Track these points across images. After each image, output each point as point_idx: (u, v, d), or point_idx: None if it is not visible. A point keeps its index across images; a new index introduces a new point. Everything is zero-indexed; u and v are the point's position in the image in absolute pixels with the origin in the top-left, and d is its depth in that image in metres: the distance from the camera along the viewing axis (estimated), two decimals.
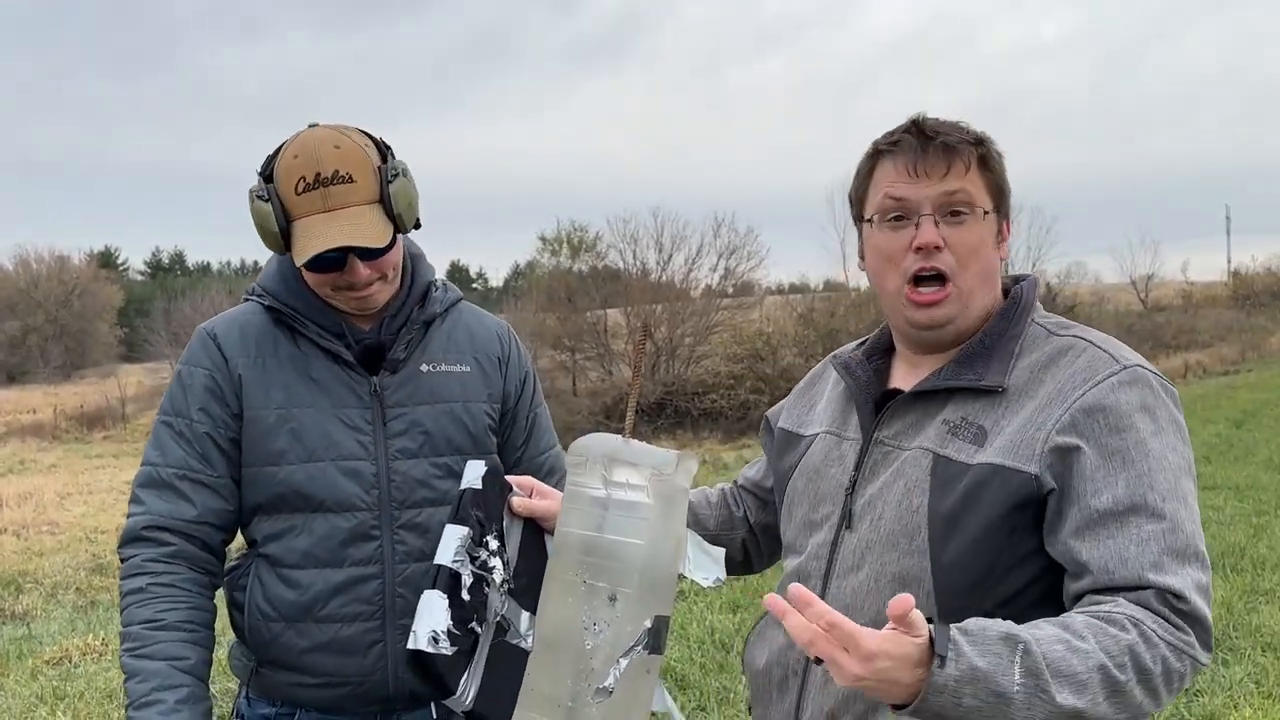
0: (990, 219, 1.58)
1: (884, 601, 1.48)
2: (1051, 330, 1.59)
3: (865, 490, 1.60)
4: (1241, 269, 54.53)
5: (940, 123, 1.59)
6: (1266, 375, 25.09)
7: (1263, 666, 4.99)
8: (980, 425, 1.52)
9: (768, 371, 28.13)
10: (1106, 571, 1.40)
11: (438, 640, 1.62)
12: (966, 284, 1.57)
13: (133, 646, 1.84)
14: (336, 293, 1.94)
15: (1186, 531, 1.41)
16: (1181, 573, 1.39)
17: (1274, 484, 9.89)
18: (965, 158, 1.56)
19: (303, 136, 1.90)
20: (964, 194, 1.56)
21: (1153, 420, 1.46)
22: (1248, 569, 6.78)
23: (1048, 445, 1.45)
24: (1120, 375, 1.48)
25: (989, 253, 1.58)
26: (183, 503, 1.93)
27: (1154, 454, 1.44)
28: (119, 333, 58.79)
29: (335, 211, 1.85)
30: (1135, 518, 1.41)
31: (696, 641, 5.51)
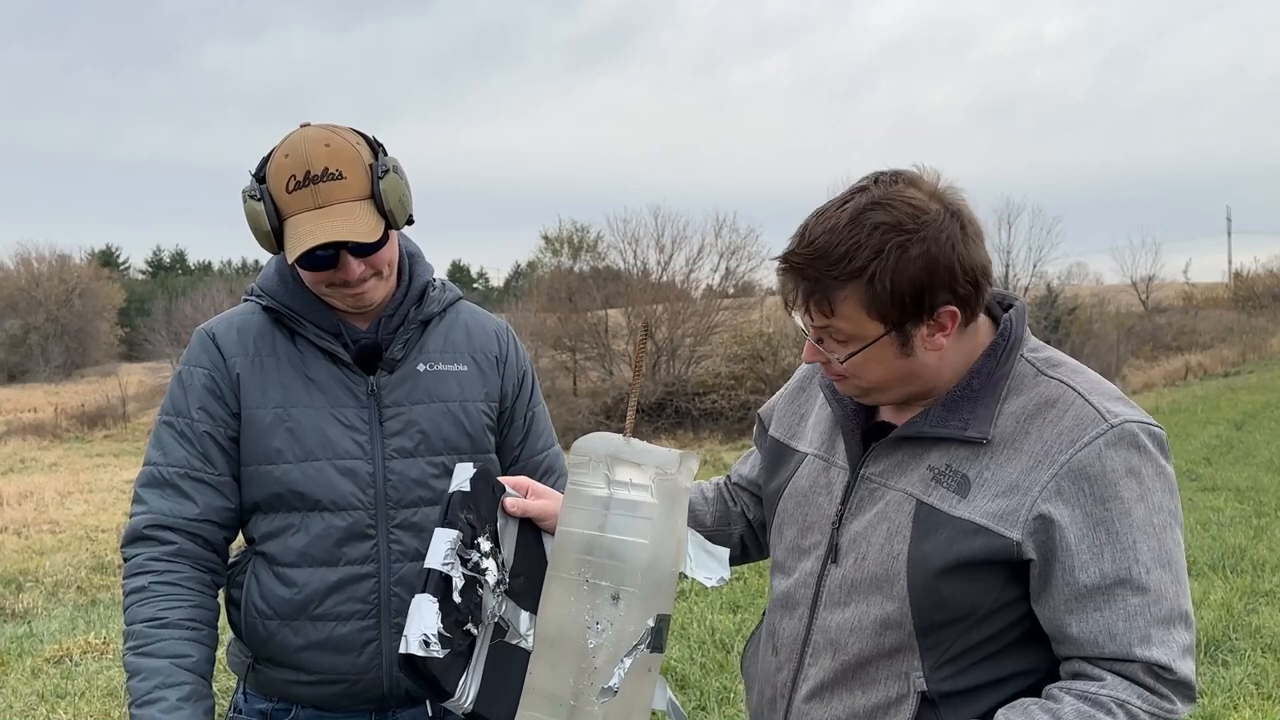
0: (880, 341, 1.50)
1: (867, 641, 1.55)
2: (1040, 369, 1.56)
3: (851, 526, 1.61)
4: (1243, 270, 54.55)
5: (811, 255, 1.47)
6: (1267, 377, 25.07)
7: (1262, 668, 5.00)
8: (964, 474, 1.52)
9: (768, 372, 28.15)
10: (1096, 645, 1.45)
11: (429, 643, 1.61)
12: (863, 384, 1.57)
13: (135, 644, 1.85)
14: (331, 290, 1.94)
15: (1170, 597, 1.45)
16: (1168, 641, 1.44)
17: (1274, 485, 9.89)
18: (826, 301, 1.48)
19: (293, 136, 1.90)
20: (833, 330, 1.51)
21: (1138, 483, 1.46)
22: (1248, 570, 6.78)
23: (1032, 513, 1.46)
24: (1107, 436, 1.46)
25: (886, 364, 1.52)
26: (185, 501, 1.93)
27: (1138, 523, 1.45)
28: (120, 332, 58.81)
29: (326, 208, 1.84)
30: (1121, 591, 1.44)
31: (697, 641, 5.51)
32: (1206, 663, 5.12)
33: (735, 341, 30.70)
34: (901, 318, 1.48)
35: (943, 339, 1.51)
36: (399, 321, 2.02)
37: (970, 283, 1.49)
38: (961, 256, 1.47)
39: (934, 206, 1.47)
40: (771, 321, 32.27)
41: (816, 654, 1.62)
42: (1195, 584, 6.49)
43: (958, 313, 1.50)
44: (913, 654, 1.53)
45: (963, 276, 1.48)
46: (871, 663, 1.55)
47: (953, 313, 1.49)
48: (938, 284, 1.46)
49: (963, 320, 1.51)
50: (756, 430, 1.96)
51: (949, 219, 1.47)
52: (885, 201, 1.46)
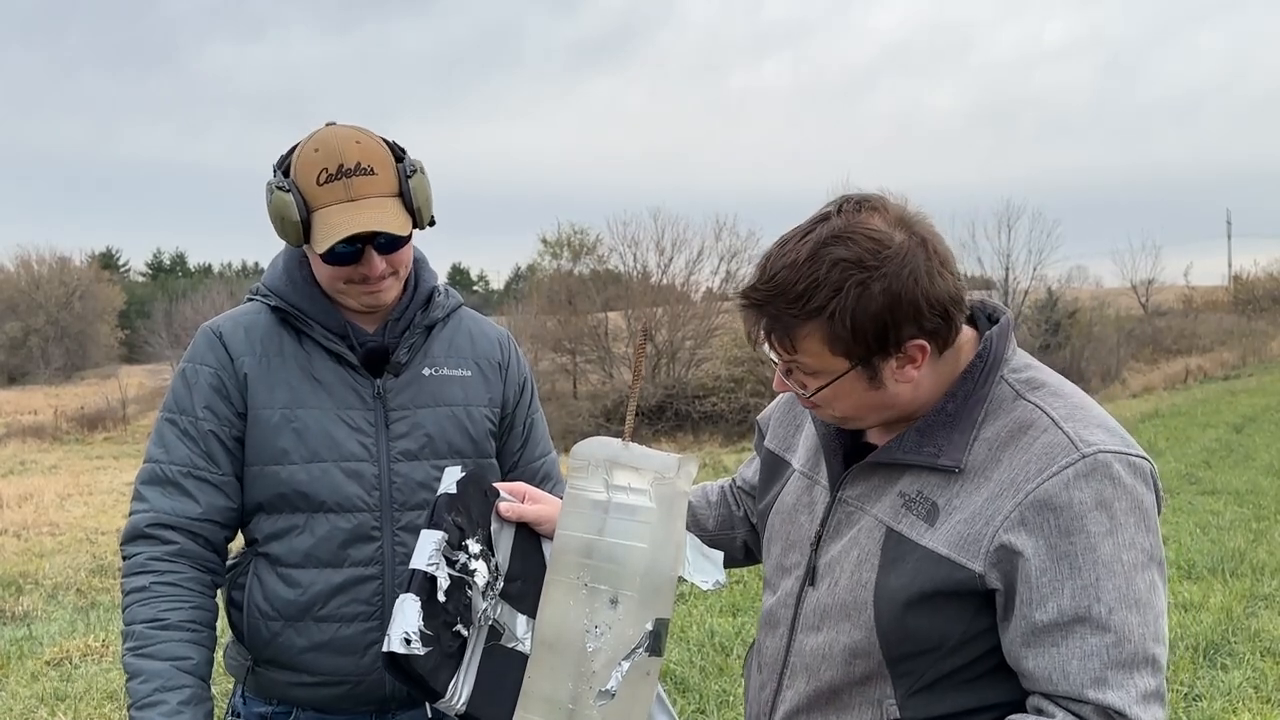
0: (846, 376, 1.47)
1: (838, 669, 1.54)
2: (1019, 391, 1.50)
3: (829, 549, 1.60)
4: (1242, 274, 54.57)
5: (771, 290, 1.45)
6: (1267, 380, 25.08)
7: (1261, 671, 5.00)
8: (934, 502, 1.48)
9: (768, 375, 28.04)
10: (1050, 683, 1.40)
11: (409, 641, 1.62)
12: (836, 414, 1.56)
13: (135, 646, 1.84)
14: (348, 288, 1.95)
15: (1134, 640, 1.37)
16: (1125, 685, 1.37)
17: (1274, 489, 9.89)
18: (787, 339, 1.46)
19: (322, 133, 1.92)
20: (796, 365, 1.50)
21: (1108, 518, 1.39)
22: (1247, 574, 6.79)
23: (994, 544, 1.41)
24: (1077, 467, 1.40)
25: (855, 396, 1.50)
26: (187, 500, 1.93)
27: (1103, 560, 1.38)
28: (120, 334, 58.79)
29: (358, 201, 1.87)
30: (1080, 629, 1.38)
31: (696, 645, 5.51)
32: (1206, 666, 5.12)
33: (735, 344, 30.70)
34: (866, 353, 1.44)
35: (913, 371, 1.48)
36: (405, 325, 2.04)
37: (939, 315, 1.45)
38: (926, 290, 1.42)
39: (898, 237, 1.42)
40: None
41: (794, 676, 1.62)
42: (1194, 587, 6.49)
43: (926, 346, 1.46)
44: (884, 682, 1.51)
45: (929, 310, 1.43)
46: (844, 690, 1.55)
47: (921, 346, 1.46)
48: (902, 319, 1.42)
49: (934, 350, 1.48)
50: (756, 437, 1.96)
51: (914, 250, 1.42)
52: (846, 235, 1.42)
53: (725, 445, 24.44)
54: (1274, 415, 16.70)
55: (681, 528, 1.73)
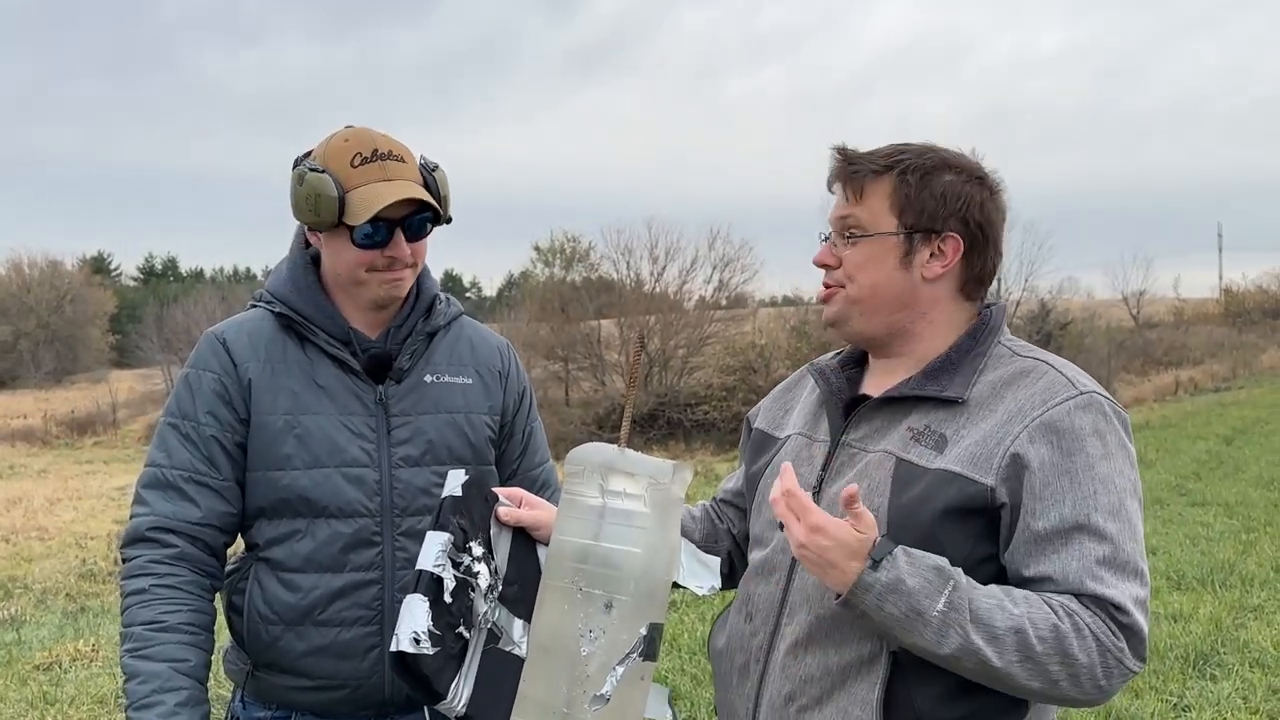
0: (887, 239, 1.64)
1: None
2: (1016, 351, 1.67)
3: (830, 489, 1.67)
4: (1233, 286, 54.76)
5: (852, 152, 1.67)
6: (1257, 392, 25.15)
7: (1250, 682, 5.02)
8: (941, 433, 1.60)
9: (760, 383, 28.13)
10: (1052, 582, 1.50)
11: (419, 640, 1.64)
12: (854, 293, 1.67)
13: (134, 647, 1.85)
14: (371, 275, 1.98)
15: (1127, 550, 1.51)
16: (1121, 586, 1.48)
17: (1263, 501, 9.93)
18: (859, 184, 1.65)
19: (344, 130, 1.99)
20: (853, 219, 1.66)
21: (1103, 444, 1.54)
22: (1236, 585, 6.81)
23: (1005, 458, 1.53)
24: (1077, 400, 1.56)
25: (883, 271, 1.65)
26: (187, 505, 1.94)
27: (1100, 476, 1.52)
28: (111, 339, 58.59)
29: (394, 181, 1.94)
30: (1079, 535, 1.50)
31: (688, 652, 5.52)
32: (1195, 676, 5.14)
33: (728, 353, 30.73)
34: (915, 222, 1.63)
35: (940, 269, 1.64)
36: (407, 332, 2.06)
37: (981, 230, 1.65)
38: (981, 201, 1.65)
39: (975, 163, 1.67)
40: (764, 333, 32.32)
41: (793, 612, 1.66)
42: (1184, 598, 6.51)
43: (960, 244, 1.64)
44: None
45: (977, 215, 1.64)
46: (846, 619, 1.58)
47: (956, 243, 1.64)
48: (953, 209, 1.63)
49: (963, 267, 1.65)
50: (743, 433, 2.01)
51: (984, 176, 1.67)
52: (941, 147, 1.68)
53: (717, 453, 24.43)
54: (1264, 428, 16.75)
55: (676, 533, 1.74)
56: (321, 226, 1.96)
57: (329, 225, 1.95)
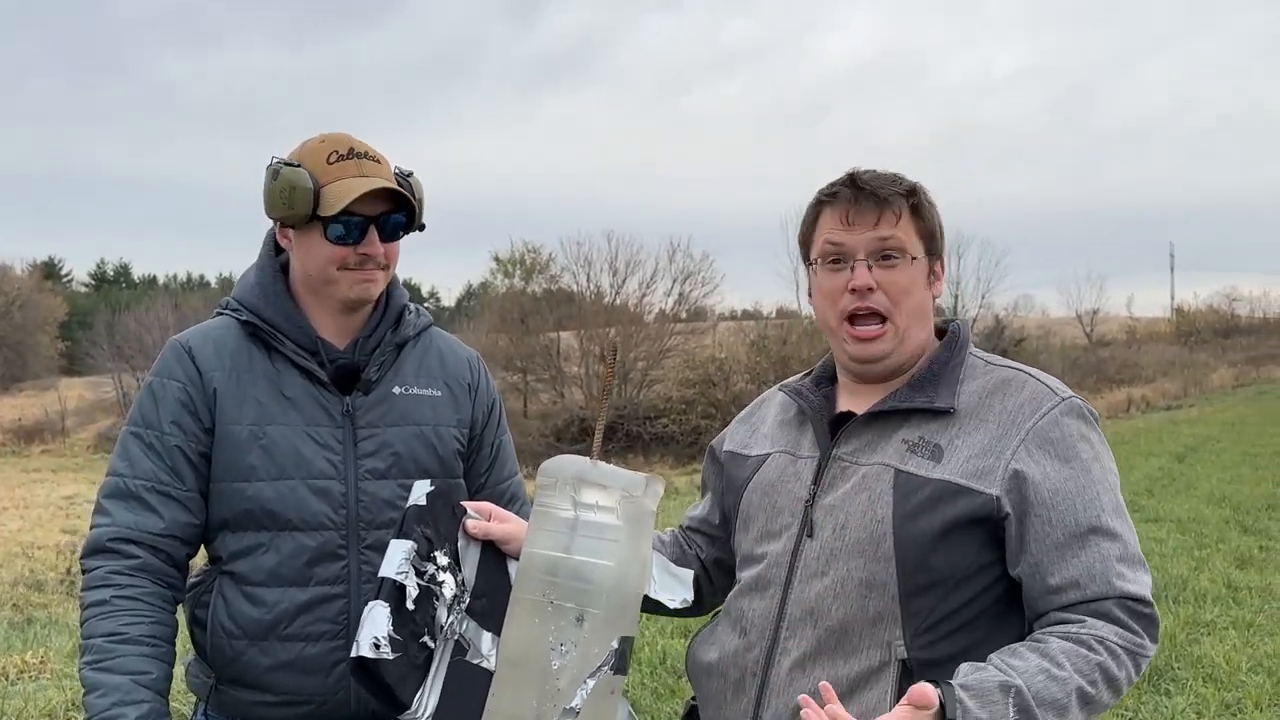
0: (921, 263, 1.74)
1: (851, 605, 1.62)
2: (989, 361, 1.78)
3: (824, 500, 1.71)
4: (1185, 306, 55.75)
5: (875, 175, 1.75)
6: (1208, 410, 25.59)
7: (1204, 697, 5.07)
8: (936, 443, 1.67)
9: (719, 397, 28.26)
10: (1078, 588, 1.59)
11: (379, 645, 1.62)
12: (902, 322, 1.73)
13: (94, 659, 1.81)
14: (343, 274, 1.96)
15: (1133, 543, 1.65)
16: (1140, 578, 1.62)
17: (1215, 517, 10.08)
18: (896, 208, 1.72)
19: (320, 135, 1.99)
20: (895, 240, 1.72)
21: (1091, 446, 1.67)
22: (1189, 601, 6.90)
23: (1008, 471, 1.62)
24: (1061, 406, 1.68)
25: (920, 292, 1.74)
26: (150, 515, 1.91)
27: (1097, 478, 1.65)
28: (60, 345, 57.71)
29: (370, 177, 1.94)
30: (1094, 537, 1.61)
31: (649, 666, 5.50)
32: (1150, 691, 5.19)
33: (687, 366, 30.81)
34: (930, 248, 1.75)
35: (939, 288, 1.78)
36: (376, 343, 2.03)
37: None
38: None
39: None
40: (723, 347, 32.45)
41: (794, 627, 1.67)
42: None
43: (943, 265, 1.80)
44: (894, 622, 1.61)
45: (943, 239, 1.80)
46: (853, 630, 1.62)
47: (943, 264, 1.79)
48: (942, 234, 1.79)
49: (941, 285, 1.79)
50: (706, 462, 2.02)
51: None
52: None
53: (676, 467, 24.47)
54: (1215, 445, 17.03)
55: (648, 546, 1.74)
56: (294, 220, 1.94)
57: (302, 219, 1.93)
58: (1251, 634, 6.08)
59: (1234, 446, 16.76)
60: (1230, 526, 9.66)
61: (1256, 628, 6.22)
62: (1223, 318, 52.76)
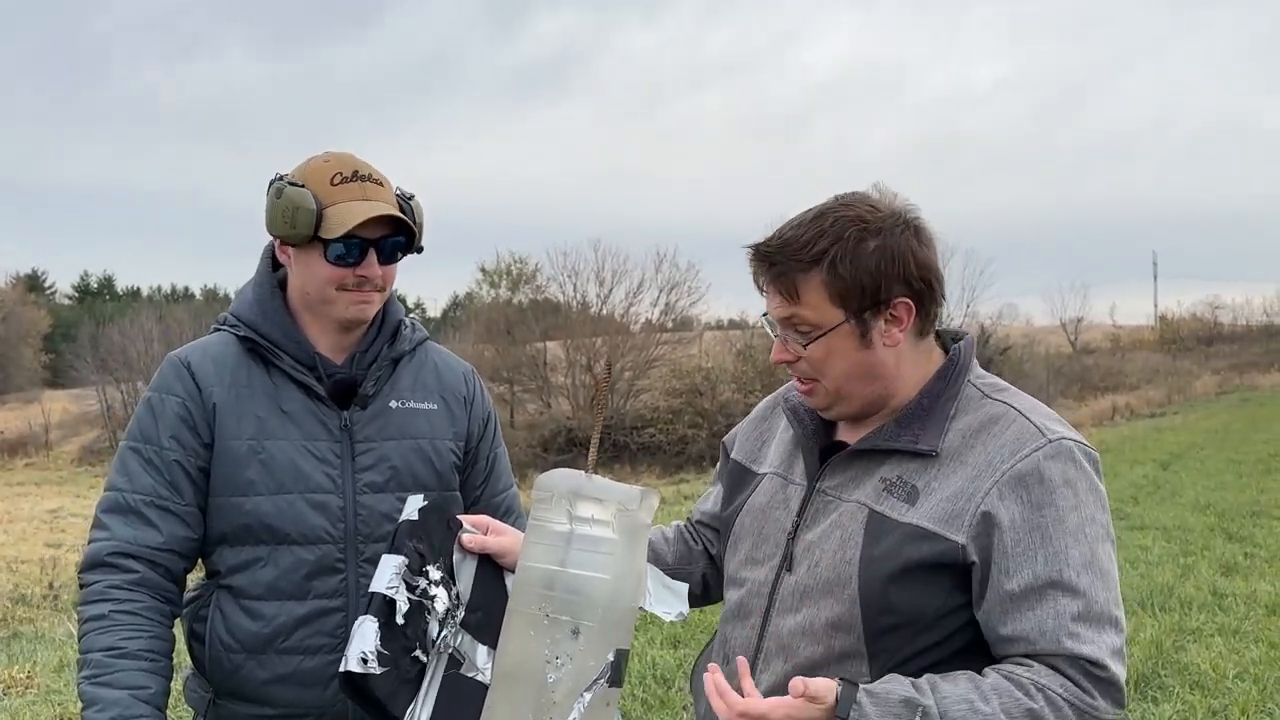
0: (840, 329, 1.61)
1: (819, 645, 1.61)
2: (986, 393, 1.68)
3: (805, 536, 1.69)
4: (1168, 314, 56.02)
5: (778, 245, 1.62)
6: (1192, 418, 25.70)
7: (1191, 704, 5.10)
8: (914, 485, 1.61)
9: (706, 406, 28.28)
10: (1028, 642, 1.53)
11: (366, 660, 1.63)
12: (830, 385, 1.66)
13: (92, 674, 1.82)
14: (340, 294, 1.97)
15: (1100, 601, 1.53)
16: (1097, 641, 1.52)
17: (1200, 524, 10.13)
18: (791, 284, 1.61)
19: (322, 154, 2.01)
20: (797, 318, 1.63)
21: (1074, 494, 1.56)
22: (1175, 608, 6.93)
23: (976, 515, 1.55)
24: (1046, 449, 1.57)
25: (848, 359, 1.63)
26: (149, 530, 1.92)
27: (1070, 529, 1.54)
28: (44, 358, 57.42)
29: (373, 201, 1.95)
30: (1053, 592, 1.52)
31: (638, 677, 5.50)
32: (1137, 699, 5.22)
33: (674, 376, 30.80)
34: (860, 304, 1.60)
35: (899, 334, 1.63)
36: (372, 358, 2.05)
37: (924, 280, 1.62)
38: (915, 252, 1.61)
39: (892, 210, 1.63)
40: (710, 356, 32.46)
41: (768, 660, 1.67)
42: (1125, 622, 6.60)
43: (912, 306, 1.62)
44: (861, 660, 1.59)
45: (917, 271, 1.61)
46: (821, 668, 1.60)
47: (907, 305, 1.62)
48: (893, 275, 1.59)
49: (917, 319, 1.63)
50: (721, 457, 2.01)
51: (904, 222, 1.62)
52: (846, 202, 1.63)
53: (663, 476, 24.47)
54: (1199, 453, 17.11)
55: (643, 559, 1.75)
56: (296, 240, 1.95)
57: (304, 239, 1.94)
58: (1237, 641, 6.11)
59: (1218, 454, 16.84)
60: (1215, 533, 9.71)
61: (1242, 634, 6.24)
62: (1206, 325, 53.05)
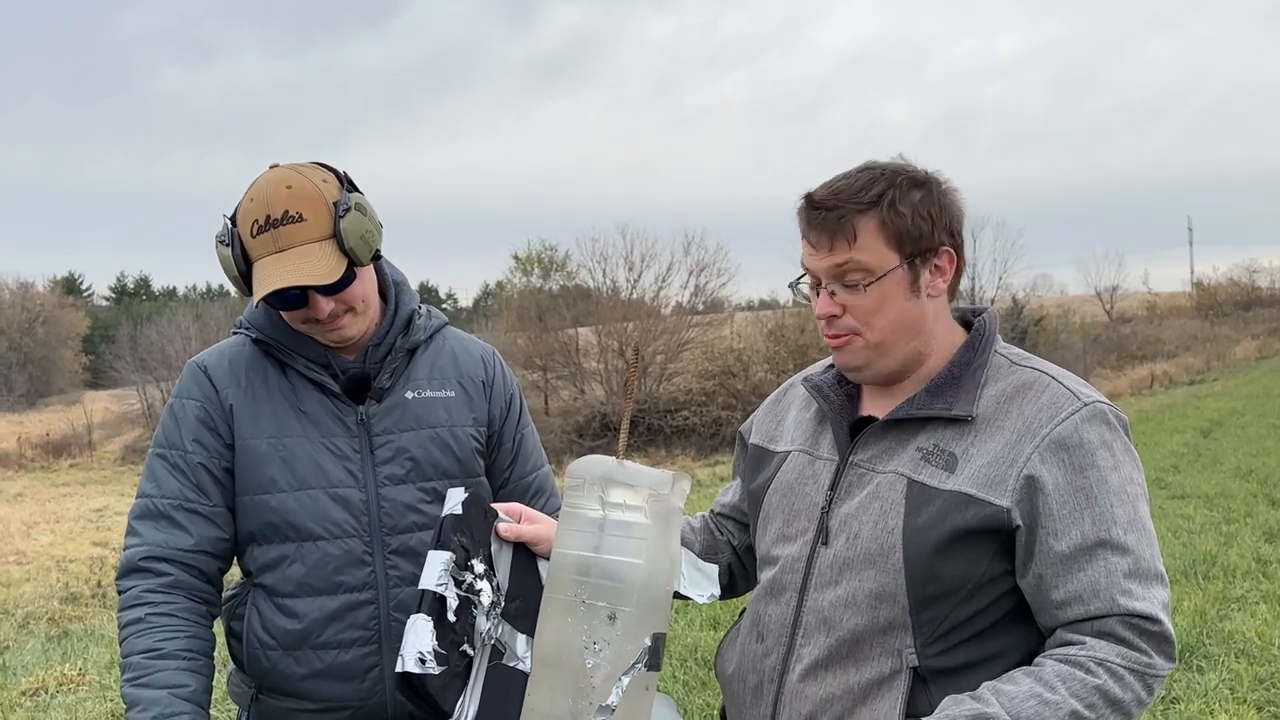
0: (894, 275, 1.62)
1: (862, 615, 1.61)
2: (1014, 361, 1.69)
3: (840, 508, 1.68)
4: (1204, 280, 55.30)
5: (834, 190, 1.63)
6: (1232, 384, 25.40)
7: (1236, 673, 5.06)
8: (951, 452, 1.61)
9: (739, 388, 28.20)
10: (1081, 603, 1.54)
11: (424, 661, 1.64)
12: (874, 337, 1.66)
13: (133, 676, 1.85)
14: (309, 327, 1.97)
15: (1147, 557, 1.56)
16: (1149, 596, 1.54)
17: (1243, 492, 10.02)
18: (850, 228, 1.61)
19: (260, 180, 1.93)
20: (852, 264, 1.62)
21: (1111, 455, 1.58)
22: (1219, 577, 6.87)
23: (1019, 480, 1.56)
24: (1082, 412, 1.59)
25: (898, 306, 1.63)
26: (179, 532, 1.94)
27: (1113, 489, 1.56)
28: (84, 359, 58.09)
29: (285, 252, 1.87)
30: (1102, 551, 1.54)
31: (679, 659, 5.52)
32: (1182, 669, 5.18)
33: (706, 358, 30.73)
34: (914, 249, 1.62)
35: (942, 284, 1.66)
36: (386, 350, 2.05)
37: (959, 235, 1.67)
38: (952, 206, 1.66)
39: (922, 171, 1.67)
40: (741, 338, 32.37)
41: (809, 634, 1.67)
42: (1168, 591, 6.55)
43: (954, 255, 1.66)
44: (905, 631, 1.59)
45: (955, 222, 1.66)
46: (865, 639, 1.61)
47: (950, 255, 1.66)
48: (941, 224, 1.64)
49: (953, 274, 1.67)
50: (737, 448, 2.00)
51: (938, 182, 1.66)
52: (887, 163, 1.67)
53: (698, 459, 24.46)
54: (1240, 419, 16.91)
55: (677, 543, 1.75)
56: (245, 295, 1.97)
57: (247, 295, 1.96)
58: None
59: (1259, 419, 16.64)
60: (1258, 500, 9.60)
61: None
62: (1244, 290, 52.33)
